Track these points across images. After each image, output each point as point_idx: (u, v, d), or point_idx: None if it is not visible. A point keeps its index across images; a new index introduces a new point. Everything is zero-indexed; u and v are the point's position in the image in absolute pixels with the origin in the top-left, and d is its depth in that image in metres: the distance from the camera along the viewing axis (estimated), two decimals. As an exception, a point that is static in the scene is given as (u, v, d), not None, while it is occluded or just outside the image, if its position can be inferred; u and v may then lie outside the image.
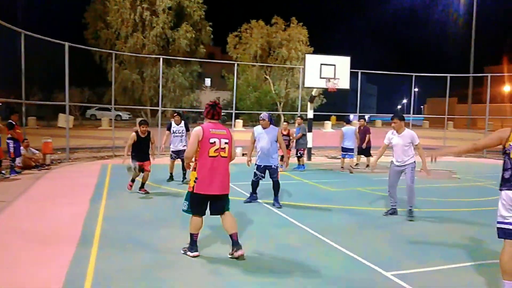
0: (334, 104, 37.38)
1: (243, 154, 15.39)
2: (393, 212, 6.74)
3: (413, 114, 22.18)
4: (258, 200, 7.51)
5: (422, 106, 62.28)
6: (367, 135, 12.58)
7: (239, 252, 4.39)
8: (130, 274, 4.02)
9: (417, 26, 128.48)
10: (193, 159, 4.53)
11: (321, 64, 14.38)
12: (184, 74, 32.08)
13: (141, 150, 7.96)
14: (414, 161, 6.59)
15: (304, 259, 4.58)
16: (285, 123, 12.19)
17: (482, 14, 52.08)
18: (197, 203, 4.43)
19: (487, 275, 4.21)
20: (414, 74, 19.13)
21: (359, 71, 17.58)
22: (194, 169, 4.42)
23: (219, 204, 4.50)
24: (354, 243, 5.13)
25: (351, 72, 15.26)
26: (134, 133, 7.84)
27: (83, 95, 30.56)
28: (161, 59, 16.38)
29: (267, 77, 37.19)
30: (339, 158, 13.75)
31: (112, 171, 10.89)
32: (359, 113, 18.18)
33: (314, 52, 27.32)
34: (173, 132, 9.64)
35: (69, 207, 6.70)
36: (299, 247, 4.97)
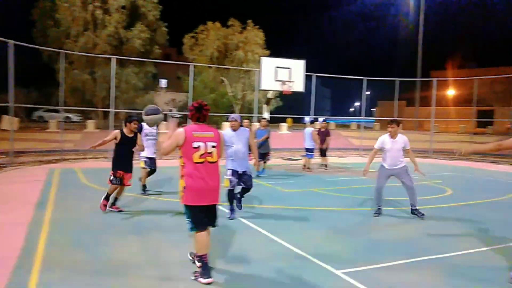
0: (290, 107, 37.92)
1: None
2: (379, 212, 6.95)
3: (365, 116, 22.94)
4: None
5: (373, 109, 64.51)
6: (327, 137, 13.27)
7: (207, 280, 3.85)
8: (77, 284, 3.85)
9: (370, 31, 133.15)
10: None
11: (277, 67, 14.58)
12: (138, 75, 31.28)
13: (125, 156, 6.57)
14: (405, 164, 6.87)
15: (256, 259, 4.59)
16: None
17: (429, 21, 54.98)
18: (195, 216, 3.95)
19: (436, 271, 4.41)
20: (365, 78, 19.82)
21: (314, 74, 17.96)
22: (182, 176, 3.98)
23: (212, 215, 4.09)
24: (306, 243, 5.21)
25: (306, 75, 15.57)
26: (117, 131, 6.56)
27: (30, 96, 29.03)
28: (113, 59, 15.88)
29: (224, 79, 37.08)
30: (295, 160, 13.98)
31: (61, 176, 10.41)
32: (314, 115, 18.57)
33: (270, 55, 27.57)
34: (146, 135, 8.27)
35: (9, 215, 6.32)
36: (251, 248, 4.98)
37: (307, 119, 20.35)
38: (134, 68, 30.76)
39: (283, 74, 14.62)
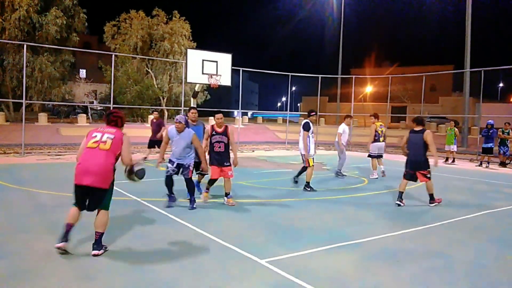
0: (218, 100, 37.86)
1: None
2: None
3: (290, 111, 23.64)
4: (137, 199, 7.23)
5: (298, 104, 66.73)
6: (162, 127, 12.49)
7: (93, 252, 4.30)
8: (-20, 289, 3.50)
9: (297, 29, 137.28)
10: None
11: (203, 60, 14.43)
12: (54, 63, 29.07)
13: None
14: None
15: (179, 253, 4.54)
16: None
17: (351, 21, 58.09)
18: (74, 193, 4.43)
19: (354, 255, 4.69)
20: (290, 74, 20.42)
21: (241, 68, 18.09)
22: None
23: (94, 198, 4.38)
24: (231, 234, 5.25)
25: (233, 69, 15.61)
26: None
27: None
28: (25, 46, 14.62)
29: (149, 70, 35.88)
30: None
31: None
32: (242, 109, 18.72)
33: (197, 48, 27.21)
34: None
35: None
36: (175, 242, 4.91)
37: (236, 113, 20.46)
38: (49, 56, 28.54)
39: (210, 67, 14.52)
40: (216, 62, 14.65)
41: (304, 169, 8.89)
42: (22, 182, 8.48)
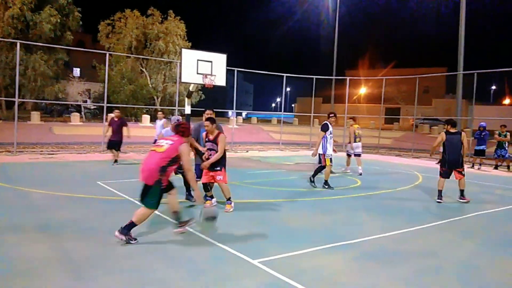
0: (213, 100, 37.76)
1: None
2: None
3: (285, 112, 23.66)
4: (130, 198, 7.20)
5: (293, 105, 66.82)
6: (124, 127, 12.08)
7: (116, 232, 4.73)
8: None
9: (292, 30, 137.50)
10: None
11: (198, 60, 14.37)
12: (48, 62, 28.85)
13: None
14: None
15: (172, 252, 4.52)
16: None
17: (345, 23, 58.30)
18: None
19: (348, 255, 4.70)
20: (285, 74, 20.42)
21: (235, 69, 18.07)
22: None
23: (142, 191, 4.85)
24: (224, 234, 5.25)
25: (227, 69, 15.59)
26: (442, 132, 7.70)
27: None
28: (18, 44, 14.49)
29: (144, 69, 35.73)
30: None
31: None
32: (236, 109, 18.70)
33: (192, 48, 27.14)
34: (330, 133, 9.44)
35: None
36: (167, 241, 4.90)
37: (230, 113, 20.44)
38: (43, 54, 28.31)
39: (205, 67, 14.46)
40: (211, 62, 14.60)
41: (320, 169, 9.32)
42: (14, 181, 8.42)
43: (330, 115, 9.44)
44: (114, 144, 11.94)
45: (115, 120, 12.09)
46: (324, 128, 9.11)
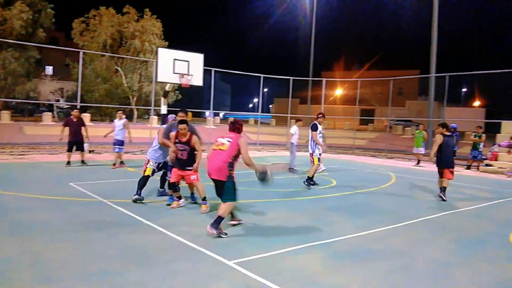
0: (190, 100, 37.47)
1: (89, 151, 14.28)
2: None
3: (262, 112, 23.71)
4: (103, 200, 7.06)
5: (270, 106, 67.01)
6: (82, 127, 11.65)
7: (208, 227, 5.22)
8: None
9: (270, 31, 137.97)
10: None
11: (175, 59, 14.24)
12: (19, 59, 28.01)
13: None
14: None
15: (147, 255, 4.45)
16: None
17: (322, 25, 58.92)
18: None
19: (322, 254, 4.74)
20: (262, 75, 20.46)
21: (213, 69, 17.98)
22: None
23: (218, 188, 5.42)
24: (199, 236, 5.21)
25: (204, 69, 15.50)
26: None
27: None
28: (-14, 40, 14.01)
29: (119, 68, 35.12)
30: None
31: None
32: (214, 110, 18.60)
33: (169, 47, 26.86)
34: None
35: None
36: (143, 244, 4.82)
37: (207, 113, 20.32)
38: (13, 52, 27.47)
39: (181, 66, 14.34)
40: (188, 61, 14.49)
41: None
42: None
43: (319, 115, 9.71)
44: (74, 145, 11.47)
45: (74, 120, 11.51)
46: (314, 128, 9.43)
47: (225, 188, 5.31)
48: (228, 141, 5.43)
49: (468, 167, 15.62)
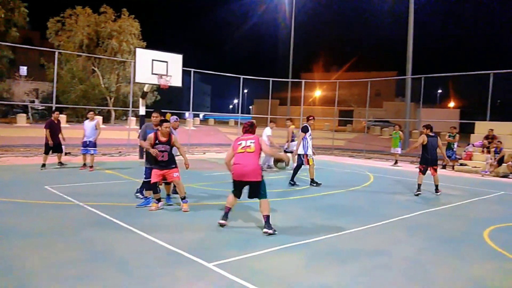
0: (169, 101, 37.11)
1: (65, 153, 13.95)
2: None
3: (242, 113, 23.70)
4: (80, 203, 6.93)
5: (250, 107, 67.08)
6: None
7: (264, 230, 5.57)
8: None
9: (250, 32, 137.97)
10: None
11: (153, 60, 14.11)
12: (-9, 59, 27.23)
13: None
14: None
15: (125, 259, 4.39)
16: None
17: (301, 26, 59.33)
18: (234, 186, 5.86)
19: (301, 255, 4.77)
20: (242, 76, 20.47)
21: (192, 69, 17.88)
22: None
23: (253, 189, 5.72)
24: (179, 239, 5.17)
25: (184, 70, 15.39)
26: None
27: None
28: (-44, 39, 13.54)
29: (96, 69, 34.51)
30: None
31: None
32: (193, 111, 18.49)
33: (147, 47, 26.54)
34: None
35: None
36: (120, 248, 4.75)
37: (187, 114, 20.18)
38: (-15, 51, 26.68)
39: (160, 67, 14.21)
40: (166, 62, 14.37)
41: (296, 170, 9.99)
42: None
43: (310, 118, 10.19)
44: (52, 147, 11.20)
45: (56, 122, 11.37)
46: (305, 130, 9.83)
47: (262, 186, 5.69)
48: (252, 142, 5.77)
49: (444, 167, 15.99)
